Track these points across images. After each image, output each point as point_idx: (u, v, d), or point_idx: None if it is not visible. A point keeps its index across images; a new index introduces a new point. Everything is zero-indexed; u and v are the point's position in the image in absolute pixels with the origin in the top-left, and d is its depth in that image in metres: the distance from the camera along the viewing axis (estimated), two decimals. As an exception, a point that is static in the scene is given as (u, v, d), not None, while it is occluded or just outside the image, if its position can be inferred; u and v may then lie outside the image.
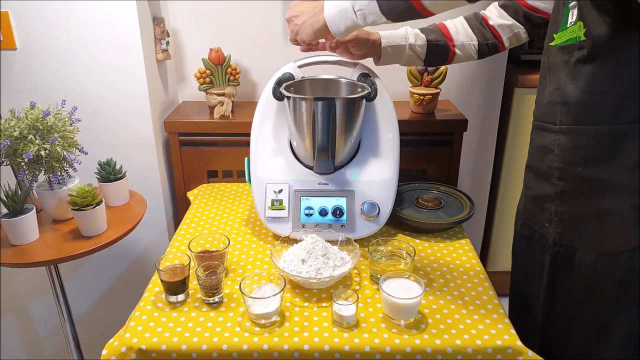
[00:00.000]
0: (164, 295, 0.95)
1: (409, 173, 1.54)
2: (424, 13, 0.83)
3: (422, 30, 1.16)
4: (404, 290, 0.89)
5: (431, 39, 1.14)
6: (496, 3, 1.15)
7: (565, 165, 0.88)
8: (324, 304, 0.93)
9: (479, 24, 1.16)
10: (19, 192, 1.08)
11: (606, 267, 0.86)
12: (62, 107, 1.13)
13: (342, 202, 1.11)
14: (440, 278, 1.02)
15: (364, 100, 1.10)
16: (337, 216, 1.11)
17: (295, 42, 1.04)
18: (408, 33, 1.14)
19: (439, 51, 1.15)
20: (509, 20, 1.12)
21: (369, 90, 1.08)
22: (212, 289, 0.92)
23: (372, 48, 1.13)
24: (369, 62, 1.18)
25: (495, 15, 1.14)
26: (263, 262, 1.08)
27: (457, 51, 1.15)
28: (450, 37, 1.15)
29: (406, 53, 1.14)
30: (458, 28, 1.16)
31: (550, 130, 0.90)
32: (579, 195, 0.88)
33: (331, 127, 1.03)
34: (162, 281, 0.94)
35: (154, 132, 1.43)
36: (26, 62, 1.34)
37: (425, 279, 1.01)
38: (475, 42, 1.15)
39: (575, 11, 0.80)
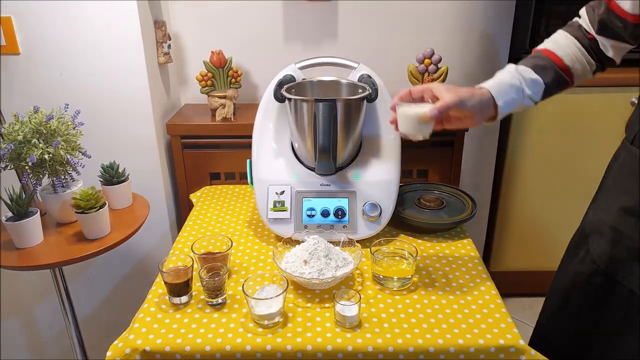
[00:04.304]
0: (167, 297, 0.96)
1: (411, 174, 1.54)
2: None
3: (536, 70, 0.87)
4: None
5: (548, 81, 0.88)
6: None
7: None
8: (327, 305, 0.94)
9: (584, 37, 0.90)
10: (23, 195, 1.09)
11: None
12: (65, 111, 1.14)
13: (344, 202, 1.12)
14: (442, 278, 1.02)
15: (365, 101, 1.10)
16: (339, 217, 1.11)
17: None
18: (522, 84, 0.86)
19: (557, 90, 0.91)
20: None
21: (370, 91, 1.09)
22: (215, 290, 0.93)
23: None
24: (369, 63, 1.18)
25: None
26: (266, 264, 1.08)
27: (575, 81, 0.92)
28: (569, 71, 0.89)
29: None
30: (572, 55, 0.89)
31: None
32: None
33: (332, 128, 1.03)
34: (165, 283, 0.94)
35: (156, 135, 1.43)
36: (29, 67, 1.34)
37: (428, 278, 1.01)
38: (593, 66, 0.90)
39: None
